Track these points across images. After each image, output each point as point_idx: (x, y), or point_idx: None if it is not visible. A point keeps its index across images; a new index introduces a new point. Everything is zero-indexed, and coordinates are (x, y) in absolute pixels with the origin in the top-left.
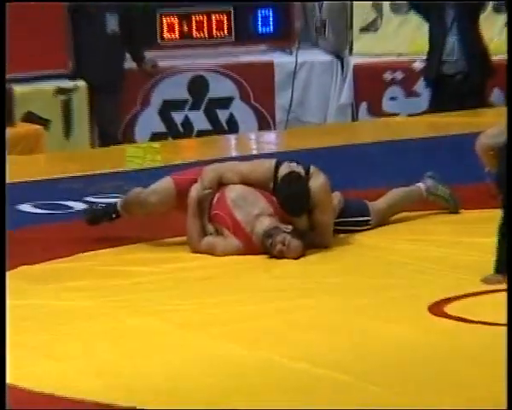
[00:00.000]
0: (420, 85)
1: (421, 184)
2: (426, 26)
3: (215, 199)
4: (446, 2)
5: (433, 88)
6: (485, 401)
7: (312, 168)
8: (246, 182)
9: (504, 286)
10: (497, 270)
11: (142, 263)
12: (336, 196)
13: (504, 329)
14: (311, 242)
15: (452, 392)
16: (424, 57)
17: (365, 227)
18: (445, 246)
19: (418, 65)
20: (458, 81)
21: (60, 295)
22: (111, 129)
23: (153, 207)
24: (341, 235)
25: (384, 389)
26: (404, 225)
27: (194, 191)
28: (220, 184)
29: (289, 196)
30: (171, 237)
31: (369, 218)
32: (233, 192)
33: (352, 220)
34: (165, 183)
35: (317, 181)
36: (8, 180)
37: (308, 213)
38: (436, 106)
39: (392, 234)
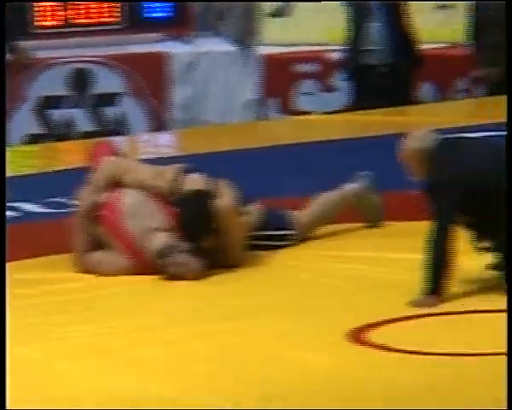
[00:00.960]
0: (337, 79)
1: (350, 186)
2: (344, 12)
3: (107, 199)
4: None
5: (352, 81)
6: None
7: (217, 182)
8: (144, 190)
9: (435, 310)
10: (427, 291)
11: (18, 284)
12: (254, 208)
13: (437, 358)
14: (219, 262)
15: None
16: (342, 47)
17: (288, 242)
18: (369, 263)
19: (335, 55)
20: (381, 73)
21: None
22: None
23: None
24: (257, 253)
25: None
26: (326, 239)
27: (83, 203)
28: (116, 182)
29: (189, 221)
30: (51, 254)
31: (292, 232)
32: (130, 198)
33: (274, 234)
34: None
35: (224, 199)
36: None
37: (214, 232)
38: (357, 102)
39: (312, 250)
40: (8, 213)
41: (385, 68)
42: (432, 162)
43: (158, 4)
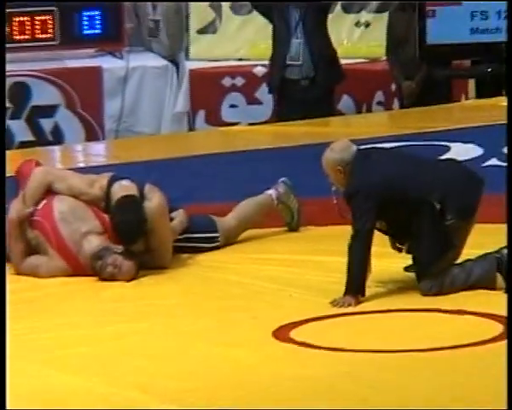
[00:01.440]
0: (262, 92)
1: (272, 192)
2: (269, 28)
3: (40, 205)
4: (290, 2)
5: (276, 95)
6: None
7: (147, 187)
8: (76, 197)
9: (353, 309)
10: (348, 291)
11: None
12: (180, 214)
13: (354, 355)
14: (149, 263)
15: None
16: (267, 62)
17: (213, 244)
18: (291, 265)
19: (260, 70)
20: (304, 87)
21: None
22: None
23: None
24: (184, 255)
25: None
26: (250, 243)
27: (14, 211)
28: (48, 190)
29: (123, 225)
30: None
31: (216, 235)
32: (61, 204)
33: (199, 237)
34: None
35: (153, 202)
36: None
37: (144, 235)
38: (280, 114)
39: (236, 253)
40: None
41: (307, 82)
42: (350, 172)
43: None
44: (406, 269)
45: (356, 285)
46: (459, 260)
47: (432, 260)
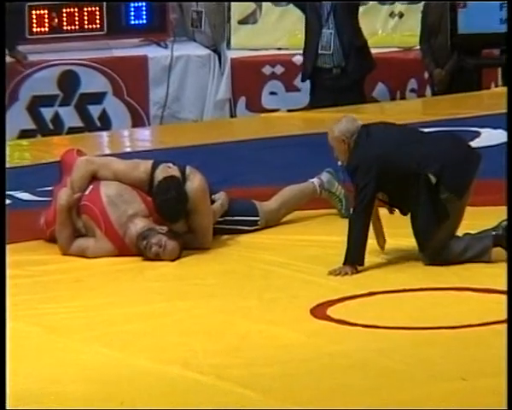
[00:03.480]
0: (300, 80)
1: (315, 180)
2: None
3: (87, 191)
4: None
5: (310, 82)
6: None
7: (189, 169)
8: (120, 181)
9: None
10: (348, 261)
11: (10, 266)
12: (221, 196)
13: (388, 332)
14: (190, 244)
15: (333, 397)
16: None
17: (253, 227)
18: (330, 247)
19: (299, 59)
20: (335, 75)
21: None
22: None
23: None
24: (225, 236)
25: (261, 395)
26: (291, 224)
27: (64, 197)
28: (93, 177)
29: (165, 204)
30: (41, 238)
31: (257, 218)
32: (109, 188)
33: (239, 219)
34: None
35: (194, 183)
36: None
37: (186, 215)
38: (312, 102)
39: (277, 234)
40: None
41: (338, 70)
42: (353, 145)
43: (138, 12)
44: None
45: (354, 255)
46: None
47: (430, 230)
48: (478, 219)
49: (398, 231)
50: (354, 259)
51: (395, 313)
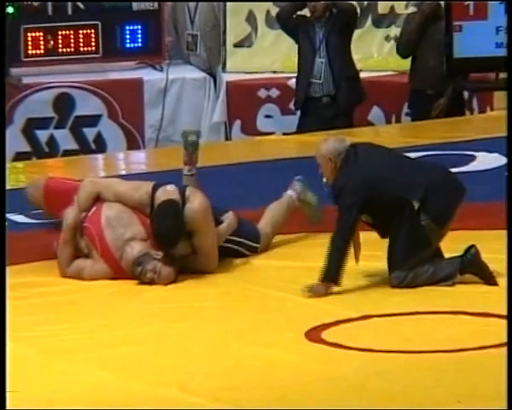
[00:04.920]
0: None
1: (290, 192)
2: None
3: (90, 212)
4: (316, 21)
5: (301, 109)
6: None
7: (188, 190)
8: (123, 203)
9: (379, 312)
10: (324, 278)
11: (8, 287)
12: (228, 217)
13: (384, 355)
14: (194, 265)
15: None
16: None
17: (253, 253)
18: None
19: (294, 82)
20: (325, 104)
21: None
22: None
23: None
24: (225, 260)
25: None
26: (286, 250)
27: (70, 217)
28: (98, 198)
29: (161, 231)
30: (37, 260)
31: (258, 245)
32: (109, 210)
33: (242, 242)
34: (38, 179)
35: (194, 204)
36: None
37: (188, 236)
38: (301, 127)
39: (272, 258)
40: None
41: (328, 99)
42: (339, 166)
43: (133, 35)
44: None
45: (333, 274)
46: None
47: (408, 254)
48: (476, 243)
49: None
50: (332, 278)
51: (390, 337)
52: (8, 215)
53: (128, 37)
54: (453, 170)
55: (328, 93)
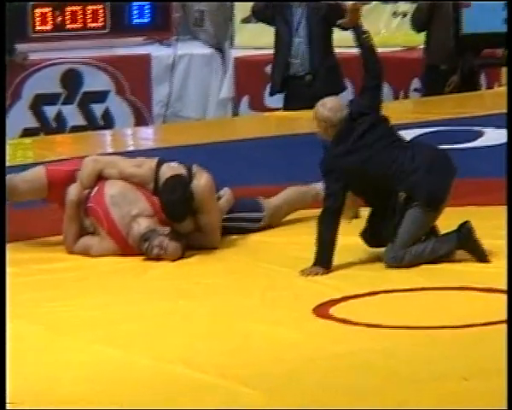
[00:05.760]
0: None
1: (319, 185)
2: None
3: (93, 192)
4: (293, 3)
5: (284, 91)
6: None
7: (195, 167)
8: (126, 180)
9: (386, 288)
10: (317, 262)
11: (14, 264)
12: (225, 192)
13: (391, 331)
14: (199, 242)
15: (336, 397)
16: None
17: (257, 225)
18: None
19: None
20: (307, 82)
21: None
22: None
23: (21, 196)
24: (228, 236)
25: (264, 395)
26: (295, 226)
27: (73, 193)
28: (100, 176)
29: (171, 203)
30: (45, 236)
31: (261, 214)
32: (112, 188)
33: (244, 216)
34: (37, 172)
35: (201, 182)
36: None
37: (193, 214)
38: (287, 108)
39: (280, 235)
40: None
41: (310, 77)
42: (333, 136)
43: (141, 11)
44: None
45: (323, 258)
46: None
47: (405, 237)
48: (480, 219)
49: None
50: (322, 262)
51: (397, 313)
52: None
53: (136, 12)
54: (460, 146)
55: (309, 71)
